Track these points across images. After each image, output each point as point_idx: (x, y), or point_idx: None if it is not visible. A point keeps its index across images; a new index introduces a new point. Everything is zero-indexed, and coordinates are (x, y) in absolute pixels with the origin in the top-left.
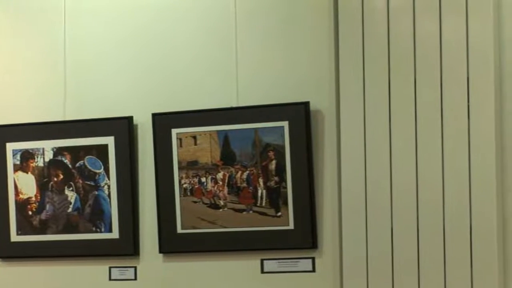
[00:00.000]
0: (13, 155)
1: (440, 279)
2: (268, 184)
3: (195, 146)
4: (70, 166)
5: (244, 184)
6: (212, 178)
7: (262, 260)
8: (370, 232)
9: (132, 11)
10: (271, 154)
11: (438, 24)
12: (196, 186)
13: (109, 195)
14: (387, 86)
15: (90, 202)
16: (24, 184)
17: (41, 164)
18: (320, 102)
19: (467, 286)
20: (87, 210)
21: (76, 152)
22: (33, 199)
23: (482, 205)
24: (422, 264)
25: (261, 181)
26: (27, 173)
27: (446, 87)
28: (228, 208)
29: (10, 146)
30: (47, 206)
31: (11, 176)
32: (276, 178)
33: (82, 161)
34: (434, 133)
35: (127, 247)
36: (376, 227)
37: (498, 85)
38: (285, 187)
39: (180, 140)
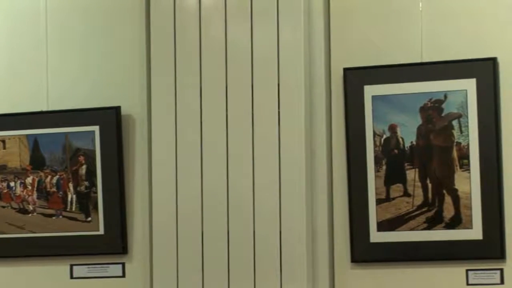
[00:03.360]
0: None
1: (250, 282)
2: (78, 189)
3: (4, 150)
4: None
5: (54, 189)
6: (21, 183)
7: (71, 266)
8: (181, 237)
9: None
10: (81, 158)
11: (249, 28)
12: (5, 191)
13: None
14: (198, 90)
15: None
16: None
17: None
18: (131, 106)
19: None
20: None
21: None
22: None
23: (292, 209)
24: (232, 268)
25: (71, 186)
26: None
27: (257, 92)
28: (37, 213)
29: None
30: None
31: None
32: (86, 183)
33: None
34: (245, 137)
35: None
36: (187, 232)
37: (308, 91)
38: (96, 192)
39: None
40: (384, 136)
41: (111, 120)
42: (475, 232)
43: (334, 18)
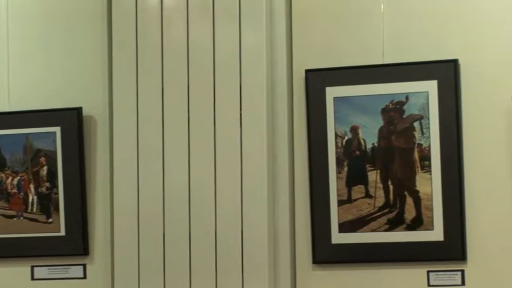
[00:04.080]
0: None
1: (212, 284)
2: (40, 190)
3: None
4: None
5: (15, 190)
6: None
7: (32, 267)
8: (142, 238)
9: None
10: (42, 159)
11: (211, 29)
12: None
13: None
14: (160, 92)
15: None
16: None
17: None
18: (93, 108)
19: None
20: None
21: None
22: None
23: (254, 210)
24: (193, 269)
25: (32, 187)
26: None
27: (219, 93)
28: None
29: None
30: None
31: None
32: (47, 184)
33: None
34: (207, 139)
35: None
36: (148, 233)
37: (270, 92)
38: (57, 193)
39: None
40: (346, 138)
41: (72, 121)
42: (436, 233)
43: (296, 19)
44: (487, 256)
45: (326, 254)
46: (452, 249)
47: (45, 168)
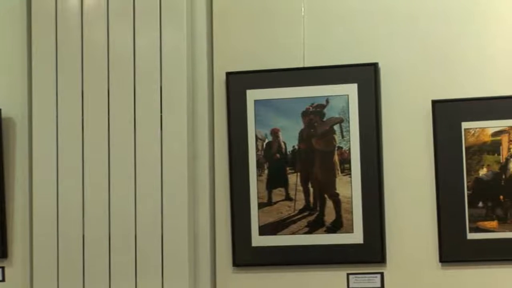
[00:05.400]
0: None
1: (132, 285)
2: None
3: None
4: None
5: None
6: None
7: None
8: (62, 240)
9: None
10: None
11: (131, 31)
12: None
13: None
14: (80, 93)
15: None
16: None
17: None
18: (12, 109)
19: None
20: None
21: None
22: None
23: (174, 212)
24: (113, 271)
25: None
26: None
27: (139, 95)
28: None
29: None
30: None
31: None
32: None
33: None
34: (127, 142)
35: None
36: (68, 235)
37: (190, 94)
38: None
39: None
40: (266, 140)
41: None
42: (356, 236)
43: (217, 22)
44: (406, 259)
45: (246, 257)
46: (372, 252)
47: None
